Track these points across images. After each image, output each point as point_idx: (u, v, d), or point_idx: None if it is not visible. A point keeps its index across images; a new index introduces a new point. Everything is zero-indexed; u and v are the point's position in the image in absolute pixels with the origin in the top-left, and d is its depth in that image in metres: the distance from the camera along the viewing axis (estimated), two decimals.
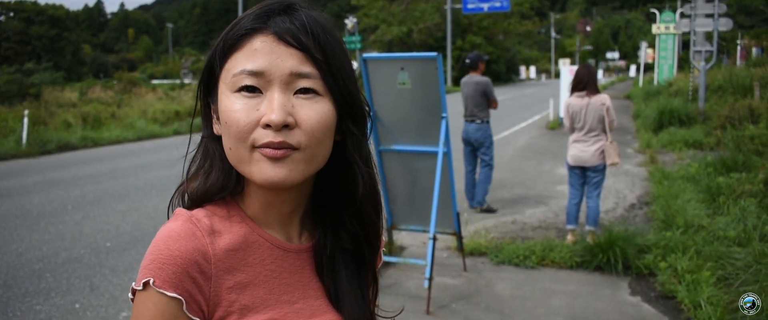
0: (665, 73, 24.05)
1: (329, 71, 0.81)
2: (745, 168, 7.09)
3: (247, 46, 0.80)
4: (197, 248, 0.78)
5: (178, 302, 0.75)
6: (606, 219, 6.09)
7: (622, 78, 51.37)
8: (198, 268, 0.77)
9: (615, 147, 5.12)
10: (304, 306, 0.85)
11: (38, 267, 5.02)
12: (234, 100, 0.79)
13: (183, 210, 0.83)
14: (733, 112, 10.74)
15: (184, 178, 0.89)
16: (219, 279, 0.79)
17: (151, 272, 0.75)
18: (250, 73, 0.78)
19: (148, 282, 0.75)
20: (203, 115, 0.89)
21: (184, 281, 0.76)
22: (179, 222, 0.80)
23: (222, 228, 0.82)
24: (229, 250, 0.81)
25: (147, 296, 0.75)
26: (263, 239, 0.84)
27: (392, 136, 4.57)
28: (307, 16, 0.82)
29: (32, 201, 7.44)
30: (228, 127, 0.79)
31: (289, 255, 0.87)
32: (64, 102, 20.49)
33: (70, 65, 55.11)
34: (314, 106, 0.80)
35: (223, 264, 0.80)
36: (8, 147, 11.79)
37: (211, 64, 0.84)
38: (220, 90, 0.82)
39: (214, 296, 0.78)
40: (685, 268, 4.26)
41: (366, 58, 4.38)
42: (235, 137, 0.79)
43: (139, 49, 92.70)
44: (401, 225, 4.95)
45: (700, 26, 12.19)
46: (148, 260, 0.77)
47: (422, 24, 41.95)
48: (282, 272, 0.85)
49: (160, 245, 0.77)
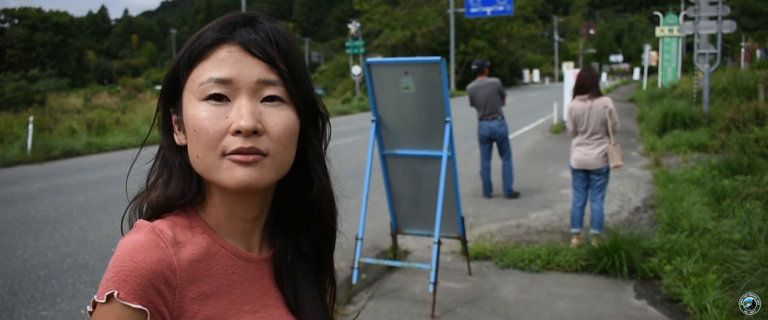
0: (669, 75, 24.02)
1: (293, 80, 0.83)
2: (750, 171, 7.07)
3: (213, 55, 0.81)
4: (162, 259, 0.77)
5: (142, 314, 0.74)
6: (611, 222, 6.08)
7: (626, 81, 51.32)
8: (163, 279, 0.76)
9: (618, 150, 5.12)
10: (265, 315, 0.86)
11: (44, 273, 5.03)
12: (201, 108, 0.80)
13: (144, 221, 0.82)
14: (738, 115, 10.71)
15: (143, 189, 0.89)
16: (183, 290, 0.79)
17: (115, 284, 0.74)
18: (217, 82, 0.80)
19: (112, 295, 0.73)
20: (163, 125, 0.89)
21: (149, 293, 0.75)
22: (142, 233, 0.79)
23: (184, 238, 0.82)
24: (193, 261, 0.81)
25: (110, 309, 0.73)
26: (225, 249, 0.85)
27: (396, 140, 4.57)
28: (271, 28, 0.84)
29: (37, 208, 7.47)
30: (197, 135, 0.80)
31: (250, 266, 0.88)
32: (68, 108, 20.61)
33: (75, 72, 55.31)
34: (281, 113, 0.82)
35: (188, 275, 0.80)
36: (13, 153, 11.84)
37: (175, 73, 0.85)
38: (185, 99, 0.83)
39: (178, 307, 0.78)
40: (691, 271, 4.25)
41: (370, 62, 4.39)
42: (204, 145, 0.80)
43: (143, 55, 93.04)
44: (406, 230, 4.95)
45: (703, 29, 12.18)
46: (111, 272, 0.75)
47: (426, 28, 42.02)
48: (243, 282, 0.86)
49: (124, 257, 0.76)
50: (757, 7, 48.06)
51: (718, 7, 11.92)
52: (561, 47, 71.20)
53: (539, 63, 66.27)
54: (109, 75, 68.26)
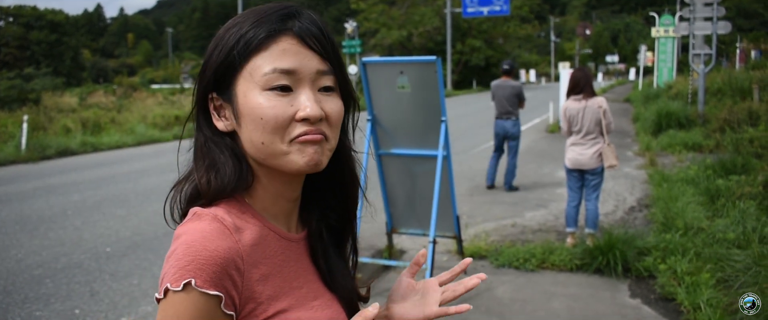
0: (664, 76, 24.10)
1: (339, 70, 0.90)
2: (744, 171, 7.10)
3: (273, 46, 0.85)
4: (231, 246, 0.81)
5: (217, 299, 0.78)
6: (606, 221, 6.10)
7: (622, 81, 51.43)
8: (234, 266, 0.81)
9: (612, 149, 5.13)
10: (309, 290, 0.93)
11: (38, 272, 5.02)
12: (267, 98, 0.84)
13: (202, 209, 0.85)
14: (732, 115, 10.76)
15: (185, 175, 0.92)
16: (249, 274, 0.84)
17: (191, 273, 0.77)
18: (282, 72, 0.84)
19: (190, 283, 0.76)
20: (202, 114, 0.91)
21: (223, 279, 0.79)
22: (205, 221, 0.82)
23: (241, 224, 0.86)
24: (252, 245, 0.85)
25: (186, 297, 0.77)
26: (273, 232, 0.90)
27: (392, 139, 4.57)
28: (319, 20, 0.90)
29: (32, 207, 7.45)
30: (263, 123, 0.85)
31: (292, 245, 0.93)
32: (63, 107, 20.54)
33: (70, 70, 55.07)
34: (335, 101, 0.89)
35: (251, 259, 0.84)
36: (8, 152, 11.80)
37: (230, 62, 0.87)
38: (243, 87, 0.86)
39: (246, 290, 0.83)
40: (685, 270, 4.26)
41: (366, 61, 4.39)
42: (271, 132, 0.85)
43: (138, 53, 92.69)
44: (401, 229, 4.95)
45: (699, 29, 12.22)
46: (185, 261, 0.78)
47: (422, 28, 42.05)
48: (289, 261, 0.92)
49: (197, 245, 0.79)
50: (752, 8, 48.23)
51: (713, 8, 11.96)
52: (557, 47, 71.26)
53: (535, 63, 66.34)
54: (105, 74, 68.02)
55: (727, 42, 30.56)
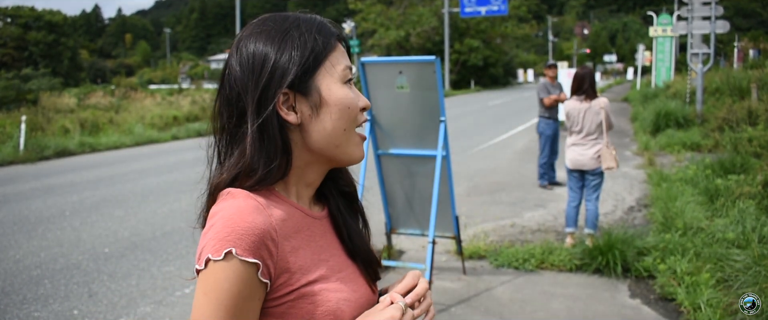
0: (663, 75, 24.11)
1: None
2: (743, 170, 7.09)
3: (337, 47, 1.00)
4: (266, 220, 0.90)
5: (255, 267, 0.86)
6: (605, 221, 6.09)
7: (620, 81, 51.44)
8: (270, 237, 0.89)
9: (611, 151, 5.11)
10: (335, 263, 1.01)
11: (36, 273, 5.00)
12: (347, 89, 0.98)
13: (234, 189, 0.93)
14: (731, 114, 10.76)
15: (226, 167, 0.98)
16: (282, 245, 0.92)
17: (232, 242, 0.85)
18: (349, 68, 1.00)
19: (231, 252, 0.84)
20: (258, 107, 0.94)
21: (260, 249, 0.87)
22: (240, 198, 0.90)
23: (270, 203, 0.94)
24: (282, 220, 0.94)
25: (226, 265, 0.85)
26: (299, 211, 0.99)
27: (390, 139, 4.57)
28: None
29: (30, 208, 7.43)
30: (350, 110, 0.98)
31: (315, 222, 1.02)
32: (61, 107, 20.46)
33: (68, 71, 55.01)
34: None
35: (282, 232, 0.93)
36: (6, 153, 11.76)
37: (315, 57, 0.96)
38: (326, 82, 0.97)
39: (280, 261, 0.91)
40: (685, 270, 4.26)
41: (364, 62, 4.38)
42: (352, 120, 0.99)
43: (136, 54, 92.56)
44: (400, 229, 4.94)
45: (697, 29, 12.22)
46: (224, 232, 0.85)
47: (420, 28, 42.01)
48: (315, 236, 1.01)
49: (235, 218, 0.87)
50: (750, 7, 48.32)
51: (711, 8, 11.96)
52: (555, 47, 71.30)
53: (533, 63, 66.33)
54: (103, 74, 67.93)
55: (725, 41, 30.63)
